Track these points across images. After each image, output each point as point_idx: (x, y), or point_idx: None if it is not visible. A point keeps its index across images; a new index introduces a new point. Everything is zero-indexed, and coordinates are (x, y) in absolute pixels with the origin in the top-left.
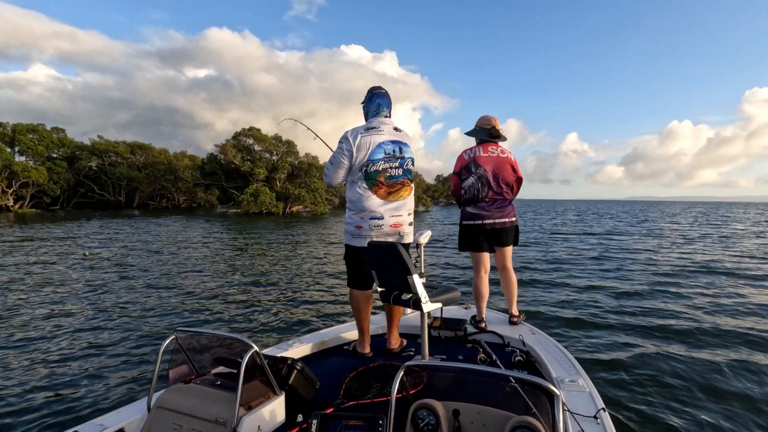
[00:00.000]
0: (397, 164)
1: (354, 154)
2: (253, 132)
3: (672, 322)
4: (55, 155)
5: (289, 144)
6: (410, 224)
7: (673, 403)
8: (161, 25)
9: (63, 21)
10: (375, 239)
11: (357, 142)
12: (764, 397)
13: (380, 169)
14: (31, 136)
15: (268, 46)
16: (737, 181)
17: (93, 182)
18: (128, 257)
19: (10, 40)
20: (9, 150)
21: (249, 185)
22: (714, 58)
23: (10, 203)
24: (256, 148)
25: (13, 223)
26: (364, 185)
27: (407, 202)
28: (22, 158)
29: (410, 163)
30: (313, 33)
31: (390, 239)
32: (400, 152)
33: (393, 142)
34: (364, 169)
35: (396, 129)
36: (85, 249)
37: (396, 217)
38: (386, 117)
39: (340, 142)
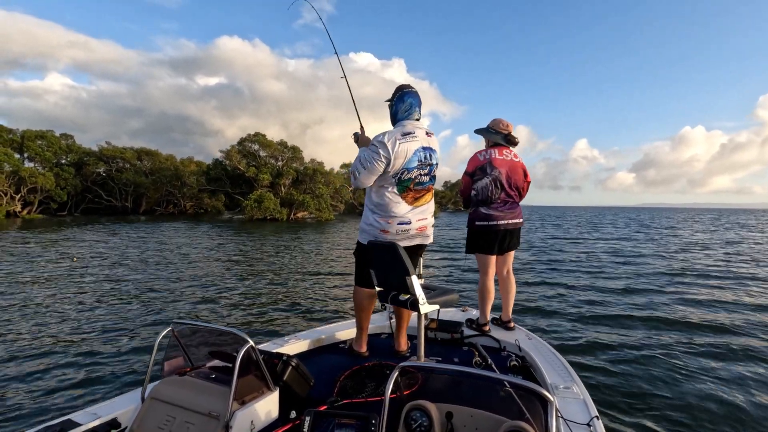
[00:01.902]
0: (426, 171)
1: (392, 162)
2: (258, 138)
3: (671, 331)
4: (63, 161)
5: (295, 150)
6: (433, 225)
7: (668, 414)
8: (173, 34)
9: (78, 30)
10: (382, 240)
11: (395, 150)
12: (761, 404)
13: (413, 177)
14: (39, 142)
15: (277, 54)
16: (752, 188)
17: (101, 188)
18: (128, 258)
19: (28, 50)
20: (18, 156)
21: (254, 191)
22: (727, 63)
23: (18, 209)
24: (262, 153)
25: (20, 228)
26: (395, 190)
27: (430, 205)
28: (31, 164)
29: (436, 168)
30: (322, 41)
31: (415, 241)
32: (430, 158)
33: (425, 148)
34: (399, 176)
35: (427, 134)
36: (75, 254)
37: (422, 220)
38: (418, 120)
39: (374, 145)
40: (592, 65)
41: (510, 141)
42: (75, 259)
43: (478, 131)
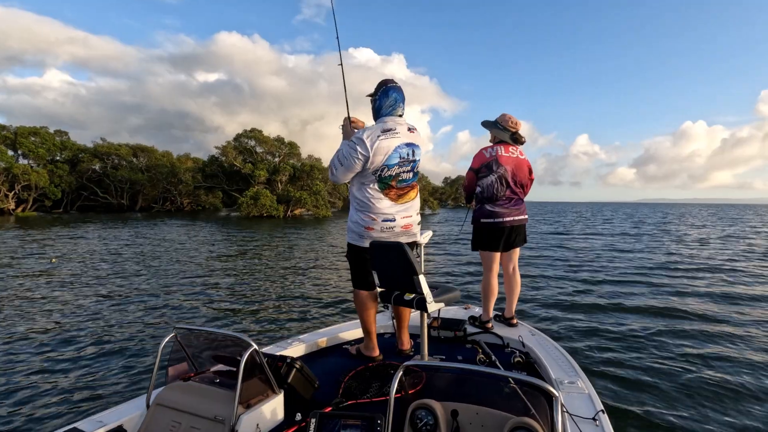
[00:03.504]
0: (408, 168)
1: (370, 159)
2: (254, 133)
3: (677, 324)
4: (58, 158)
5: (292, 145)
6: (418, 224)
7: (674, 408)
8: (172, 30)
9: (77, 27)
10: (386, 240)
11: (375, 147)
12: (762, 397)
13: (394, 174)
14: (33, 138)
15: (277, 50)
16: (753, 183)
17: (96, 185)
18: (124, 259)
19: (26, 46)
20: (11, 153)
21: (250, 188)
22: (729, 58)
23: (12, 206)
24: (258, 149)
25: (14, 226)
26: (376, 187)
27: (415, 202)
28: (25, 161)
29: (419, 165)
30: (322, 36)
31: (401, 239)
32: (413, 155)
33: (407, 144)
34: (379, 173)
35: (410, 129)
36: (52, 255)
37: (407, 218)
38: (401, 116)
39: (353, 142)
40: (593, 60)
41: (516, 140)
42: (53, 259)
43: (485, 124)
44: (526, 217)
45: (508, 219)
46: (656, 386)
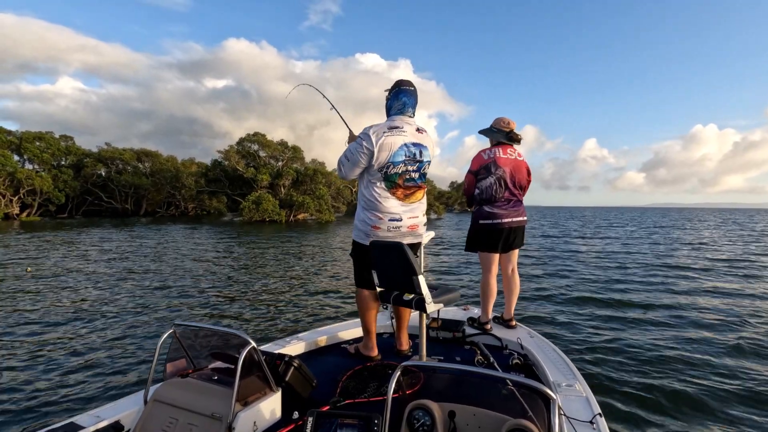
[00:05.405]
0: (415, 167)
1: (375, 155)
2: (257, 137)
3: (675, 328)
4: (63, 163)
5: (295, 149)
6: (424, 225)
7: (671, 412)
8: (181, 37)
9: (88, 34)
10: (392, 240)
11: (380, 142)
12: (762, 404)
13: (400, 171)
14: (38, 143)
15: (284, 56)
16: (765, 187)
17: (101, 190)
18: (127, 259)
19: (39, 53)
20: (17, 158)
21: (253, 192)
22: (740, 60)
23: (16, 211)
24: (261, 154)
25: (18, 230)
26: (383, 185)
27: (422, 203)
28: (31, 166)
29: (427, 166)
30: (328, 42)
31: (407, 240)
32: (420, 155)
33: (414, 144)
34: (384, 170)
35: (418, 130)
36: (27, 265)
37: (413, 218)
38: (410, 117)
39: (360, 138)
40: (601, 63)
41: (512, 138)
42: (29, 269)
43: (482, 132)
44: (526, 218)
45: (506, 220)
46: (655, 391)
